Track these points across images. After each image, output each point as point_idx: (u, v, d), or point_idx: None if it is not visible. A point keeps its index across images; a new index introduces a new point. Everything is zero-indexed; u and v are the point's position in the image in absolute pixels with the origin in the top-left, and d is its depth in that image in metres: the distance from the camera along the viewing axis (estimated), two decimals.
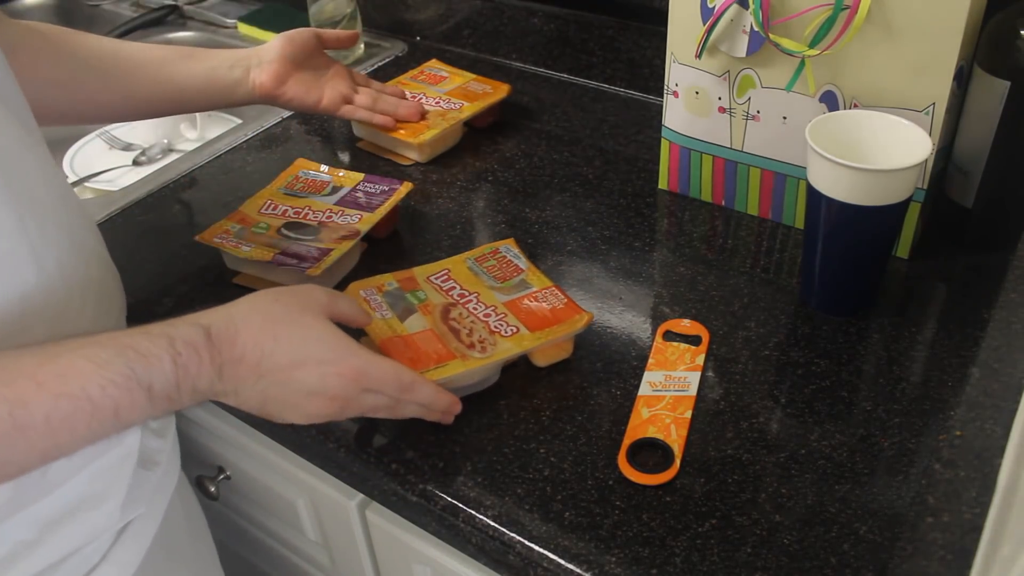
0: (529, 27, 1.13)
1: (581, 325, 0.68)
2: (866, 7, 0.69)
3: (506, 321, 0.69)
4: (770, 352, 0.70)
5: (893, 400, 0.65)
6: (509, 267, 0.75)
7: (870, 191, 0.66)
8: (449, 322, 0.69)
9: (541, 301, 0.71)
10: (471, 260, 0.76)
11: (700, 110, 0.83)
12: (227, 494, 0.86)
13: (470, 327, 0.68)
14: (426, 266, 0.75)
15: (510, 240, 0.79)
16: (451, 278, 0.74)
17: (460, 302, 0.71)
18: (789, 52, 0.74)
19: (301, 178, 0.88)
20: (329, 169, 0.89)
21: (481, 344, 0.67)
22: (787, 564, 0.55)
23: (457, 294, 0.72)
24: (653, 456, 0.62)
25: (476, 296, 0.72)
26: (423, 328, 0.68)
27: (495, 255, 0.76)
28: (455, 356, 0.65)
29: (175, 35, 1.32)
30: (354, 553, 0.76)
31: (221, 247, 0.78)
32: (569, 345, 0.70)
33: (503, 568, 0.59)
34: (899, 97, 0.72)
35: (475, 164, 0.95)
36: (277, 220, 0.81)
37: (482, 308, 0.70)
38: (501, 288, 0.72)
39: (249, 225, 0.81)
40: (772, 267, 0.79)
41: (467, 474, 0.62)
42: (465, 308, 0.70)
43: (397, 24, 1.25)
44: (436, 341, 0.67)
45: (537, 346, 0.67)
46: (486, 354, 0.66)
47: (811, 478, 0.60)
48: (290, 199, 0.85)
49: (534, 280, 0.73)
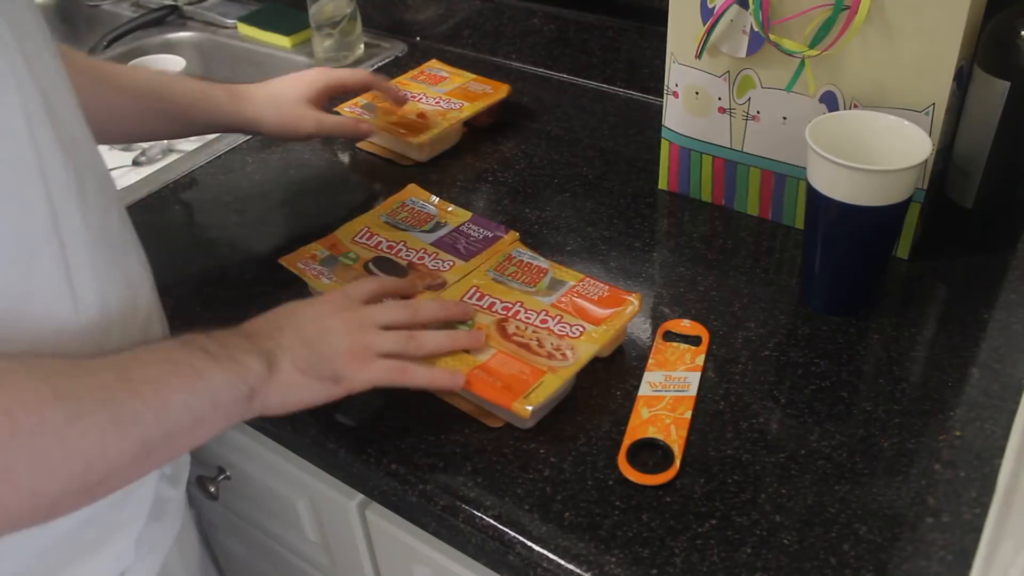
0: (529, 27, 1.13)
1: (637, 307, 0.69)
2: (866, 7, 0.69)
3: (567, 323, 0.68)
4: (770, 352, 0.70)
5: (893, 400, 0.65)
6: (531, 269, 0.73)
7: (870, 191, 0.66)
8: (513, 339, 0.66)
9: (586, 295, 0.70)
10: (492, 271, 0.74)
11: (700, 110, 0.83)
12: (227, 494, 0.86)
13: (537, 338, 0.66)
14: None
15: (515, 235, 0.78)
16: (484, 294, 0.71)
17: (510, 316, 0.69)
18: (789, 52, 0.74)
19: (407, 206, 0.84)
20: (439, 202, 0.84)
21: (560, 352, 0.65)
22: (787, 564, 0.55)
23: (501, 308, 0.69)
24: (653, 456, 0.62)
25: (521, 305, 0.70)
26: (492, 353, 0.65)
27: (511, 261, 0.75)
28: (544, 371, 0.63)
29: (175, 35, 1.32)
30: (354, 553, 0.76)
31: (302, 274, 0.74)
32: (624, 330, 0.70)
33: (503, 568, 0.59)
34: (899, 97, 0.72)
35: (475, 164, 0.95)
36: (368, 252, 0.76)
37: (535, 316, 0.68)
38: (537, 292, 0.71)
39: (338, 253, 0.76)
40: (772, 267, 0.79)
41: (467, 474, 0.62)
42: (519, 320, 0.68)
43: (397, 24, 1.25)
44: (515, 361, 0.64)
45: (609, 339, 0.67)
46: (571, 360, 0.64)
47: (811, 478, 0.60)
48: (388, 230, 0.80)
49: (564, 276, 0.72)
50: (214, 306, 0.78)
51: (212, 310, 0.77)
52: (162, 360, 0.52)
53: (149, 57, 1.19)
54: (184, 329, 0.56)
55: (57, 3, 1.49)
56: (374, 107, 0.99)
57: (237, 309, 0.62)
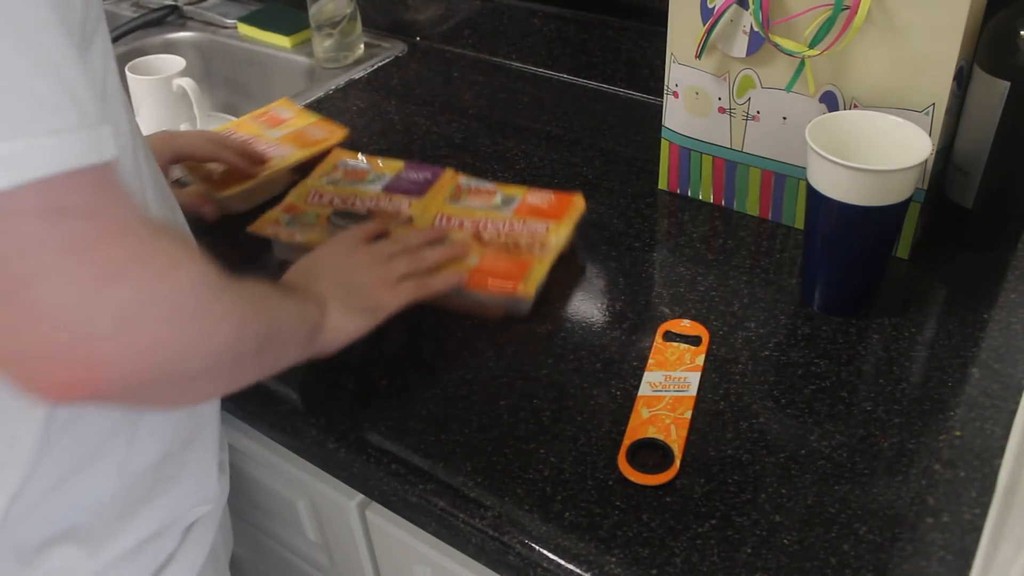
0: (529, 27, 1.13)
1: (582, 206, 0.80)
2: (866, 7, 0.69)
3: (530, 224, 0.78)
4: (770, 352, 0.70)
5: (893, 400, 0.65)
6: (482, 192, 0.83)
7: (870, 191, 0.66)
8: (490, 246, 0.76)
9: (536, 203, 0.81)
10: (448, 200, 0.83)
11: (700, 110, 0.83)
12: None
13: (513, 240, 0.76)
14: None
15: (452, 170, 0.87)
16: (451, 216, 0.80)
17: (480, 229, 0.78)
18: (789, 52, 0.74)
19: (340, 168, 0.89)
20: (367, 158, 0.90)
21: (540, 245, 0.76)
22: (787, 564, 0.55)
23: (470, 224, 0.79)
24: (653, 456, 0.62)
25: (487, 218, 0.79)
26: (481, 255, 0.75)
27: (461, 189, 0.84)
28: (530, 262, 0.74)
29: (175, 35, 1.32)
30: (354, 553, 0.76)
31: (275, 236, 0.79)
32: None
33: (503, 568, 0.59)
34: (899, 97, 0.72)
35: (475, 164, 0.95)
36: (325, 209, 0.82)
37: (502, 224, 0.78)
38: (494, 207, 0.81)
39: (299, 214, 0.81)
40: (772, 267, 0.79)
41: (467, 474, 0.62)
42: (490, 231, 0.78)
43: (397, 24, 1.25)
44: (502, 259, 0.74)
45: (570, 230, 0.78)
46: (547, 251, 0.75)
47: (811, 478, 0.60)
48: (336, 187, 0.86)
49: (511, 191, 0.83)
50: None
51: None
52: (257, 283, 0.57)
53: (149, 57, 1.19)
54: None
55: None
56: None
57: None
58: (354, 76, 1.15)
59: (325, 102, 1.10)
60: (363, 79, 1.15)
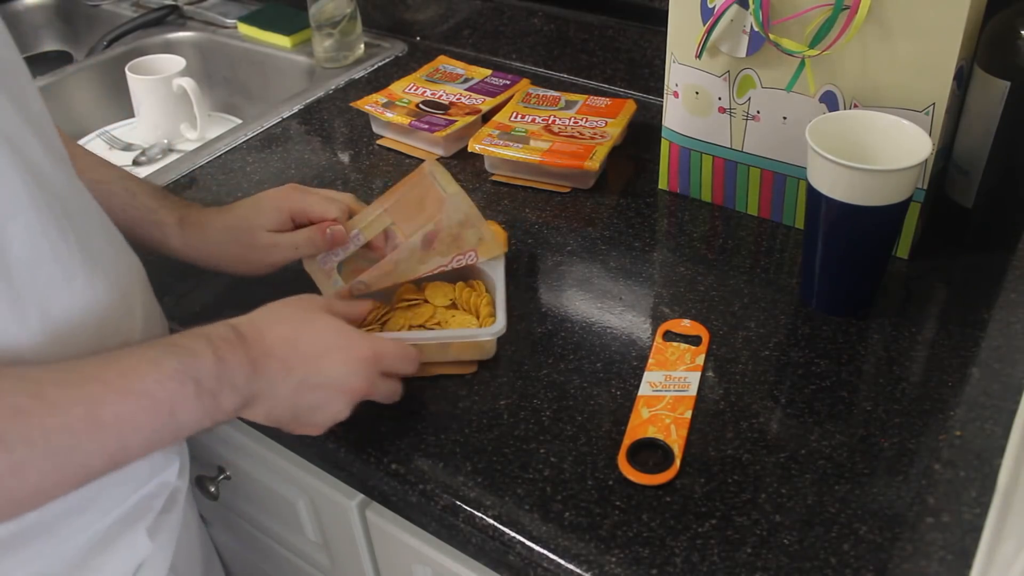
0: (529, 27, 1.13)
1: (634, 108, 0.99)
2: (866, 7, 0.69)
3: (592, 120, 0.96)
4: (770, 352, 0.70)
5: (893, 400, 0.65)
6: (548, 98, 1.01)
7: (870, 191, 0.66)
8: (561, 134, 0.93)
9: (595, 105, 0.99)
10: (521, 102, 1.00)
11: (700, 110, 0.83)
12: (227, 494, 0.86)
13: (578, 131, 0.94)
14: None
15: (527, 80, 1.05)
16: (524, 113, 0.98)
17: (551, 123, 0.96)
18: (789, 52, 0.74)
19: (440, 70, 1.10)
20: (464, 64, 1.12)
21: (599, 134, 0.93)
22: (787, 564, 0.55)
23: (541, 120, 0.96)
24: (653, 456, 0.62)
25: (554, 116, 0.97)
26: (551, 143, 0.91)
27: (531, 96, 1.02)
28: (594, 145, 0.90)
29: (175, 35, 1.32)
30: (354, 553, 0.76)
31: (371, 112, 1.00)
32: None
33: (503, 568, 0.59)
34: (899, 97, 0.72)
35: (475, 164, 0.95)
36: (416, 98, 1.03)
37: (568, 120, 0.96)
38: (560, 109, 0.99)
39: (394, 99, 1.02)
40: (772, 267, 0.79)
41: (467, 474, 0.62)
42: (559, 123, 0.96)
43: (397, 24, 1.25)
44: (571, 143, 0.91)
45: (626, 124, 0.96)
46: (608, 137, 0.92)
47: (811, 478, 0.60)
48: (429, 84, 1.07)
49: (573, 97, 1.01)
50: (212, 305, 0.78)
51: (212, 311, 0.77)
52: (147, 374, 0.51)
53: (149, 57, 1.19)
54: (184, 327, 0.56)
55: (57, 3, 1.49)
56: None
57: (240, 310, 0.62)
58: (354, 76, 1.15)
59: (325, 102, 1.10)
60: (363, 79, 1.15)
